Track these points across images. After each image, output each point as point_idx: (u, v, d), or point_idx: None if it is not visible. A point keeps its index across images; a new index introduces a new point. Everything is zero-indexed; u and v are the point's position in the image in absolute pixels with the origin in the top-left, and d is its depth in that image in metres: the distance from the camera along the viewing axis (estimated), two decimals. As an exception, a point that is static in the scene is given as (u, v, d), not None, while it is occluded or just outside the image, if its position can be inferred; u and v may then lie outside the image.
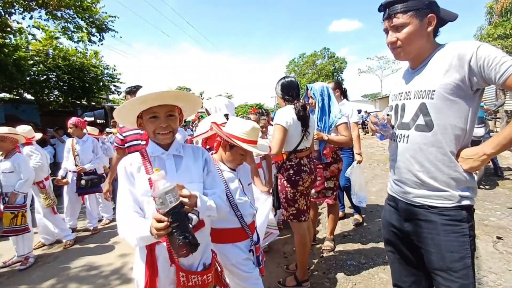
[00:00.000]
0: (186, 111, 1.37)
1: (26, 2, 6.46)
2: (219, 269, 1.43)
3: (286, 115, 2.28)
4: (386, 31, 1.31)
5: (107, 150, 4.92)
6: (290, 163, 2.37)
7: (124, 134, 2.80)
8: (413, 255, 1.40)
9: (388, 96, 1.57)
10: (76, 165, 4.10)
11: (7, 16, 6.50)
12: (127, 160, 1.26)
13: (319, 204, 3.88)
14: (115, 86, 11.10)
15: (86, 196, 4.32)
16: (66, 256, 3.55)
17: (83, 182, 4.01)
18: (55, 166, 5.04)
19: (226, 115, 2.36)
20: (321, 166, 2.86)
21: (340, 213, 4.06)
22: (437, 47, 1.26)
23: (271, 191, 2.46)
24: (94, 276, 3.03)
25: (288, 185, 2.35)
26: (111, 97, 14.71)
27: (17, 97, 8.88)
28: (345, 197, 4.02)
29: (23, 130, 3.61)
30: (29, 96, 9.33)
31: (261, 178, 3.02)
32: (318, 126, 2.75)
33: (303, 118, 2.30)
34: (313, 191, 2.88)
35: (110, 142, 5.29)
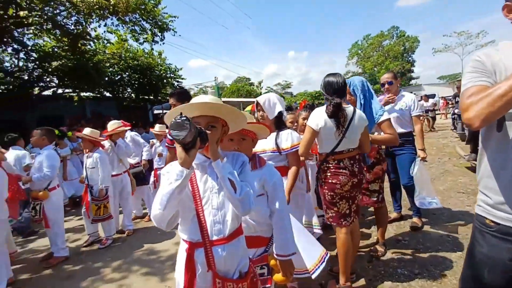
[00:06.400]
0: (230, 126, 1.37)
1: (101, 11, 7.32)
2: (256, 278, 1.42)
3: (318, 116, 2.19)
4: None
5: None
6: (328, 165, 2.26)
7: (173, 134, 2.99)
8: None
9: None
10: None
11: (86, 25, 7.49)
12: (169, 167, 1.26)
13: (367, 206, 3.62)
14: (177, 81, 12.12)
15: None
16: (130, 242, 4.06)
17: None
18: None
19: (280, 113, 2.34)
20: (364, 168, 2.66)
21: (396, 214, 3.74)
22: None
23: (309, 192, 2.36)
24: (152, 261, 3.40)
25: (326, 187, 2.26)
26: (175, 91, 16.15)
27: (98, 95, 10.25)
28: (403, 197, 3.67)
29: (113, 124, 4.20)
30: (107, 94, 10.70)
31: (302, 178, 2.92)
32: None
33: (336, 118, 2.14)
34: None
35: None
